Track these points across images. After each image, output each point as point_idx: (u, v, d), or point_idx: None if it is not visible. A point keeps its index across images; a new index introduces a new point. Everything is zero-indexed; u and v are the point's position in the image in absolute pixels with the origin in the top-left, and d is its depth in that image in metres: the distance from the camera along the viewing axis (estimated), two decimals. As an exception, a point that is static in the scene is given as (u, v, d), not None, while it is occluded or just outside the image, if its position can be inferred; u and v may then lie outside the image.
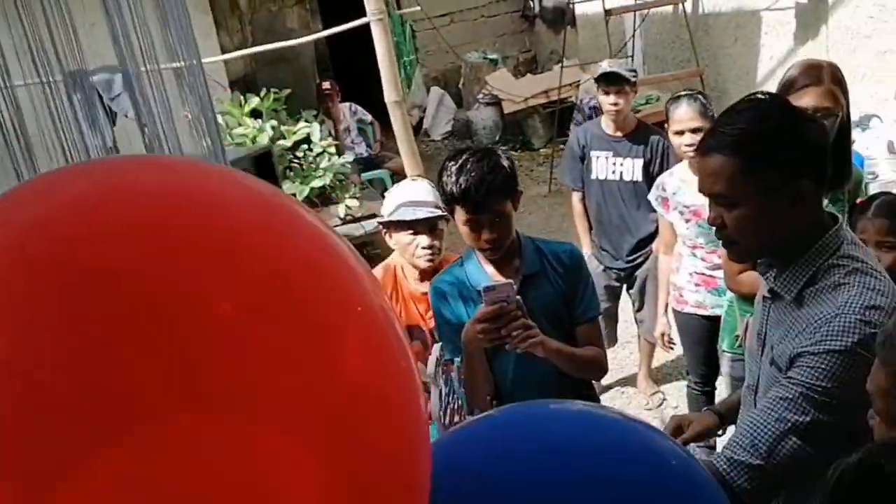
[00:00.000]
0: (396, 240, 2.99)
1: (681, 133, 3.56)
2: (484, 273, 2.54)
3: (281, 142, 5.64)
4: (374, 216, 6.74)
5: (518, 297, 2.28)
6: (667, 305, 3.98)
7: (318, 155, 5.80)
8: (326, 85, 7.69)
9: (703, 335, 3.83)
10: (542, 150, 9.02)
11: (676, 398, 4.72)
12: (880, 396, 1.33)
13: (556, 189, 8.45)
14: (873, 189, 3.81)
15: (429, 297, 2.96)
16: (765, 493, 1.66)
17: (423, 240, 2.91)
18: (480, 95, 9.49)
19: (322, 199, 6.11)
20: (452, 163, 2.43)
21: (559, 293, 2.54)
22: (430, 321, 2.99)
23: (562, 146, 8.52)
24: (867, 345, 1.54)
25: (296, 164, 5.72)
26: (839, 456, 1.74)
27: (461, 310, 2.54)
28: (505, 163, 2.42)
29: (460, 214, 2.44)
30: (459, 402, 1.97)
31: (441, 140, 10.20)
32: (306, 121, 6.04)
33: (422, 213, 2.89)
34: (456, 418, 1.97)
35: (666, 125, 3.71)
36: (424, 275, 2.99)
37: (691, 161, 3.57)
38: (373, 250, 7.52)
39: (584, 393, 2.72)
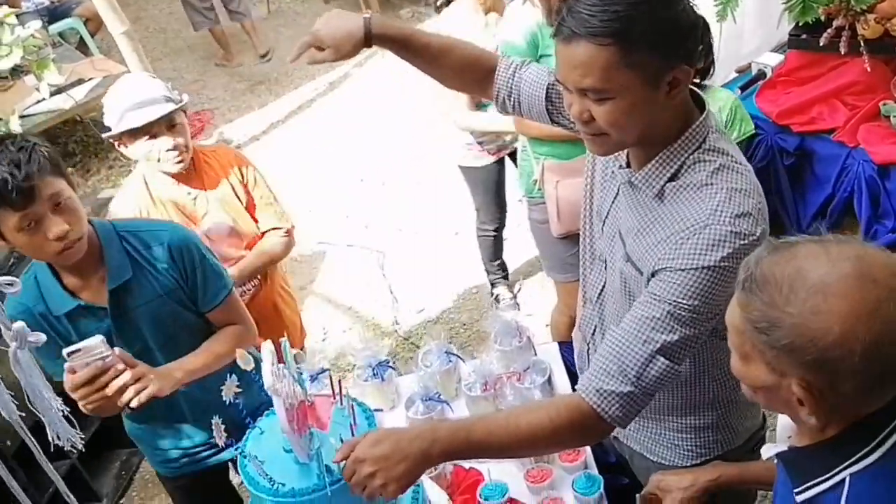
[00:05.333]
0: (133, 151, 2.62)
1: None
2: (65, 294, 2.05)
3: (-58, 21, 4.60)
4: (81, 81, 5.87)
5: (115, 348, 1.89)
6: None
7: (-6, 29, 4.82)
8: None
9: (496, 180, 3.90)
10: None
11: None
12: (736, 333, 1.27)
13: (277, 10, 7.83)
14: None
15: (189, 201, 2.72)
16: (634, 415, 1.62)
17: (165, 142, 2.57)
18: None
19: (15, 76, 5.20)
20: None
21: (169, 289, 2.14)
22: (202, 223, 2.73)
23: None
24: (736, 258, 1.48)
25: (-30, 45, 4.73)
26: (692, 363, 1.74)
27: (55, 342, 2.02)
28: (32, 140, 1.96)
29: (9, 221, 1.90)
30: (300, 397, 1.68)
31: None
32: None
33: (152, 114, 2.54)
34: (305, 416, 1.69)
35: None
36: (180, 177, 2.69)
37: None
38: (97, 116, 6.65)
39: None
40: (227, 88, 6.90)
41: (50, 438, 1.62)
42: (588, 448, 2.23)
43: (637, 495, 1.82)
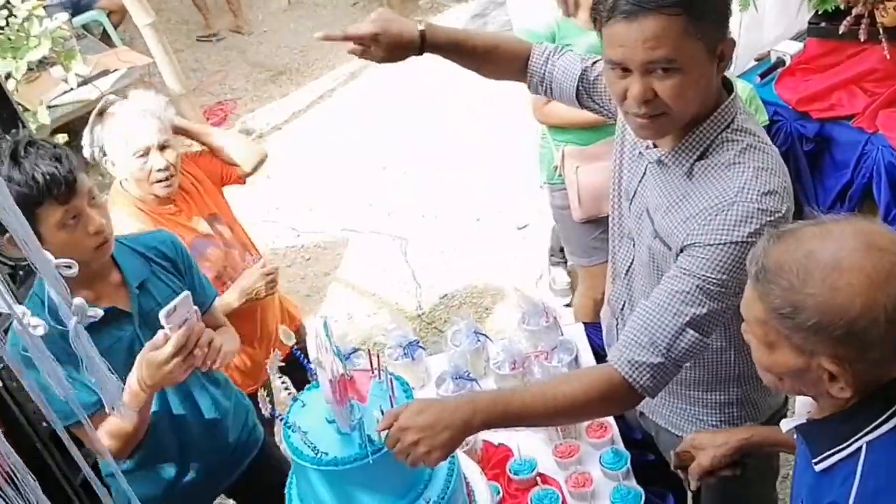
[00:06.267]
0: (123, 169, 2.60)
1: None
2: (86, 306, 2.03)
3: (-29, 13, 4.69)
4: (106, 72, 5.95)
5: (195, 306, 1.96)
6: None
7: (26, 20, 4.89)
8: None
9: None
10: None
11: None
12: (758, 325, 1.32)
13: (297, 1, 7.86)
14: None
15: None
16: (664, 385, 1.69)
17: (157, 160, 2.58)
18: None
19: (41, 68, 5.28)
20: None
21: (179, 287, 2.20)
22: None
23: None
24: (763, 234, 1.50)
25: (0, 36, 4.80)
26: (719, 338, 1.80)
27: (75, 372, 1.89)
28: (53, 142, 2.02)
29: (52, 218, 1.90)
30: (341, 370, 1.75)
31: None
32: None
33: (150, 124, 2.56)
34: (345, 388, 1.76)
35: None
36: (163, 200, 2.68)
37: None
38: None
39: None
40: (248, 79, 6.98)
41: (107, 410, 1.70)
42: (615, 424, 2.30)
43: (672, 452, 1.89)
